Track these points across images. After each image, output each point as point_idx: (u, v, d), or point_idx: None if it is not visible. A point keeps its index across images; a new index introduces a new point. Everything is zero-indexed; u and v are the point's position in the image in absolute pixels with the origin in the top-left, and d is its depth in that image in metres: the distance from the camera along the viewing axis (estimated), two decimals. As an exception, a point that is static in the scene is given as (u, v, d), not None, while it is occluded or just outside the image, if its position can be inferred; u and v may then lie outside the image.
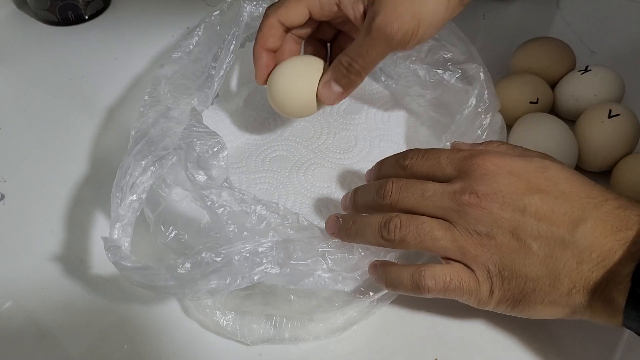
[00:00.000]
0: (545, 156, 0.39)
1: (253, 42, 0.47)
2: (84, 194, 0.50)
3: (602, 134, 0.48)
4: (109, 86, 0.59)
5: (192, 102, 0.48)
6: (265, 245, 0.35)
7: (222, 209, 0.36)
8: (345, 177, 0.50)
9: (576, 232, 0.33)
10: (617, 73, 0.52)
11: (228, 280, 0.35)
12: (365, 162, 0.50)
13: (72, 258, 0.46)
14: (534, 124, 0.49)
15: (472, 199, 0.35)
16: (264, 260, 0.35)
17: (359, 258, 0.38)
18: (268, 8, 0.46)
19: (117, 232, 0.37)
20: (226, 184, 0.38)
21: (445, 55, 0.50)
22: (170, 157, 0.38)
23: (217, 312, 0.40)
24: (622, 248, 0.32)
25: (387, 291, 0.40)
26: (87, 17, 0.66)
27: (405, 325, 0.42)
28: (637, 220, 0.33)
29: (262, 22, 0.45)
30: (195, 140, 0.38)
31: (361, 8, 0.42)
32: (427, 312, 0.42)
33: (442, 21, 0.41)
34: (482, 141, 0.42)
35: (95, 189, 0.50)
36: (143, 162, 0.38)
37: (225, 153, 0.38)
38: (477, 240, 0.35)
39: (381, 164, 0.43)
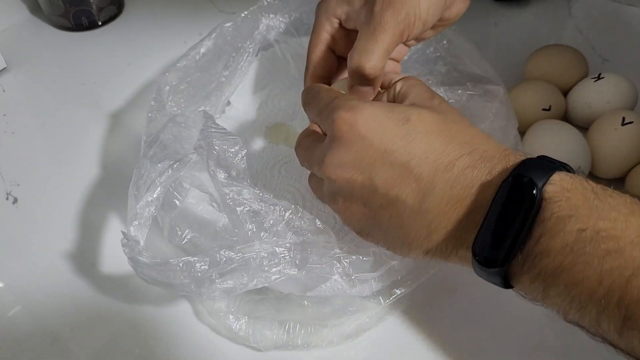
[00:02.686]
0: (417, 102, 0.37)
1: (266, 51, 0.47)
2: (96, 199, 0.50)
3: (616, 142, 0.48)
4: (122, 91, 0.59)
5: (199, 110, 0.48)
6: (283, 246, 0.35)
7: (241, 208, 0.36)
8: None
9: (424, 203, 0.33)
10: (630, 81, 0.52)
11: (245, 280, 0.34)
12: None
13: (84, 262, 0.46)
14: (547, 131, 0.49)
15: (328, 170, 0.35)
16: (282, 261, 0.35)
17: (374, 260, 0.38)
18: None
19: (134, 229, 0.37)
20: (246, 183, 0.38)
21: (463, 74, 0.50)
22: (191, 157, 0.38)
23: (230, 316, 0.40)
24: (466, 216, 0.32)
25: (400, 295, 0.40)
26: (100, 23, 0.67)
27: (417, 331, 0.42)
28: (482, 182, 0.31)
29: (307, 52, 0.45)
30: (214, 140, 0.38)
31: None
32: (438, 319, 0.42)
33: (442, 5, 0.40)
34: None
35: (107, 194, 0.51)
36: (159, 165, 0.39)
37: (244, 152, 0.38)
38: (340, 206, 0.36)
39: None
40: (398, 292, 0.41)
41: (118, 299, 0.44)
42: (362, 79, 0.40)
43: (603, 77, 0.52)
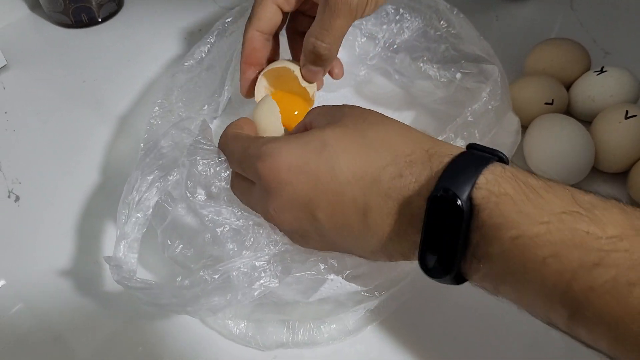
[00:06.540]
0: (327, 124, 0.36)
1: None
2: (98, 197, 0.50)
3: (619, 135, 0.47)
4: (122, 89, 0.59)
5: (203, 109, 0.48)
6: (262, 259, 0.35)
7: (221, 228, 0.36)
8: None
9: (368, 221, 0.33)
10: (634, 74, 0.52)
11: (228, 297, 0.34)
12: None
13: (86, 260, 0.46)
14: (550, 125, 0.48)
15: (273, 219, 0.36)
16: (262, 275, 0.34)
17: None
18: (246, 23, 0.46)
19: (122, 250, 0.37)
20: (224, 201, 0.38)
21: (461, 53, 0.50)
22: (173, 175, 0.38)
23: (229, 322, 0.40)
24: (406, 229, 0.32)
25: (399, 287, 0.40)
26: (100, 20, 0.67)
27: (420, 324, 0.42)
28: (411, 192, 0.31)
29: (243, 38, 0.46)
30: (198, 158, 0.38)
31: None
32: (442, 311, 0.42)
33: None
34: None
35: (108, 192, 0.50)
36: (149, 177, 0.38)
37: (227, 173, 0.38)
38: (298, 241, 0.37)
39: None
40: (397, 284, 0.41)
41: (120, 297, 0.43)
42: (315, 59, 0.44)
43: (606, 71, 0.52)
